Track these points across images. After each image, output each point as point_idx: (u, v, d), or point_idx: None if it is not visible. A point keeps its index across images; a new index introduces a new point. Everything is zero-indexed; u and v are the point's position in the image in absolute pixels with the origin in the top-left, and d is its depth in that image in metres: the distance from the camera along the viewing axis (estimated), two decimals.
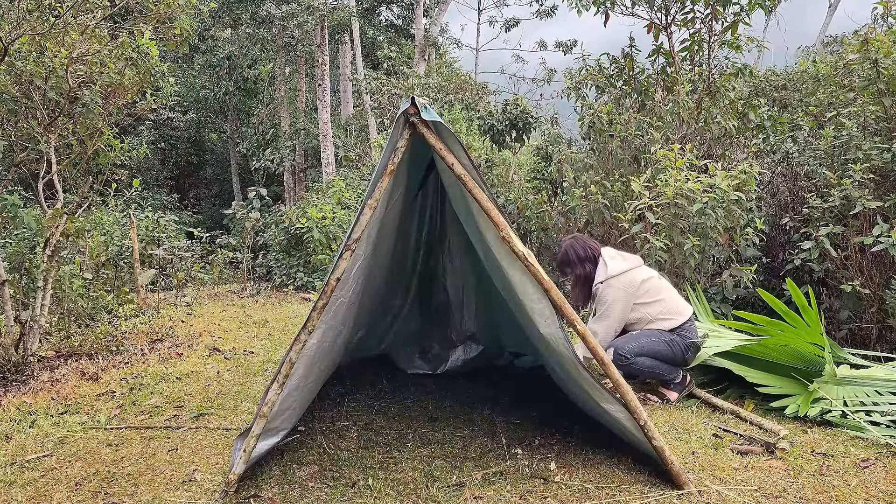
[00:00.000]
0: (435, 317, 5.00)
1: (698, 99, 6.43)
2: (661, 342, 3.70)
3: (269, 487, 2.70)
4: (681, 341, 3.74)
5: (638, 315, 3.79)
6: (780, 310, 3.65)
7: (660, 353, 3.70)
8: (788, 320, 3.61)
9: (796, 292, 3.58)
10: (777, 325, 3.65)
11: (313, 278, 9.92)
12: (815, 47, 14.27)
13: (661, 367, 3.73)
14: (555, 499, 2.56)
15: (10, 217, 5.22)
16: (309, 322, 2.60)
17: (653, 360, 3.69)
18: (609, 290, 3.76)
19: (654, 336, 3.72)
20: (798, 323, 3.58)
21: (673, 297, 3.85)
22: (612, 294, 3.75)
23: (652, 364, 3.69)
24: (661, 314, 3.76)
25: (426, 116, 2.54)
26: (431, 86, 14.83)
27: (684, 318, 3.78)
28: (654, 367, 3.71)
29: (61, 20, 4.75)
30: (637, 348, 3.65)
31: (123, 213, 9.83)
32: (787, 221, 5.53)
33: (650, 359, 3.68)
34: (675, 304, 3.82)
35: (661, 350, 3.70)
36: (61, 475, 2.87)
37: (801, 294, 3.56)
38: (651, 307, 3.76)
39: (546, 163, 9.74)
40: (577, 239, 4.03)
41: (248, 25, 17.69)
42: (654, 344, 3.69)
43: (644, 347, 3.67)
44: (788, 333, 3.62)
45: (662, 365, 3.73)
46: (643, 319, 3.78)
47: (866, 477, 2.71)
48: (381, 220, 3.11)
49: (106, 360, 5.08)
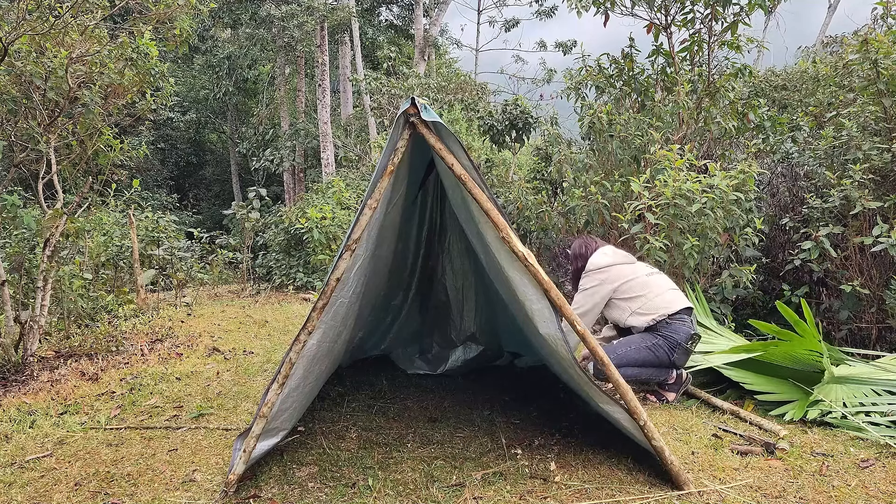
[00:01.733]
0: (435, 317, 5.00)
1: (698, 99, 6.43)
2: (642, 348, 3.67)
3: (269, 487, 2.70)
4: (664, 343, 3.67)
5: (618, 310, 3.81)
6: (792, 319, 3.58)
7: (640, 361, 3.67)
8: (798, 330, 3.56)
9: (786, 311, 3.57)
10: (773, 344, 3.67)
11: (313, 278, 9.92)
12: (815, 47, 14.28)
13: (647, 373, 3.73)
14: (555, 499, 2.56)
15: (9, 217, 5.22)
16: (309, 322, 2.60)
17: (636, 368, 3.67)
18: (586, 278, 3.87)
19: (633, 343, 3.70)
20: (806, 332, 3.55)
21: (659, 293, 3.78)
22: (588, 283, 3.84)
23: (636, 372, 3.68)
24: (640, 309, 3.73)
25: (426, 116, 2.54)
26: (431, 86, 14.83)
27: (668, 312, 3.68)
28: (639, 374, 3.70)
29: (61, 20, 4.75)
30: (616, 360, 3.55)
31: (123, 213, 9.82)
32: (787, 221, 5.53)
33: (632, 368, 3.65)
34: (660, 300, 3.74)
35: (643, 357, 3.67)
36: (61, 475, 2.87)
37: (792, 312, 3.56)
38: (631, 302, 3.76)
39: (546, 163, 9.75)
40: (581, 238, 4.15)
41: (247, 26, 17.69)
42: (634, 352, 3.66)
43: (622, 358, 3.63)
44: (783, 346, 3.64)
45: (648, 370, 3.72)
46: (624, 312, 3.78)
47: (866, 477, 2.71)
48: (381, 221, 3.11)
49: (106, 360, 5.08)
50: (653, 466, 2.79)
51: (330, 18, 17.01)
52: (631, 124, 6.45)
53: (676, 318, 3.71)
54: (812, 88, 8.88)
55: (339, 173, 15.58)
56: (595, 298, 3.80)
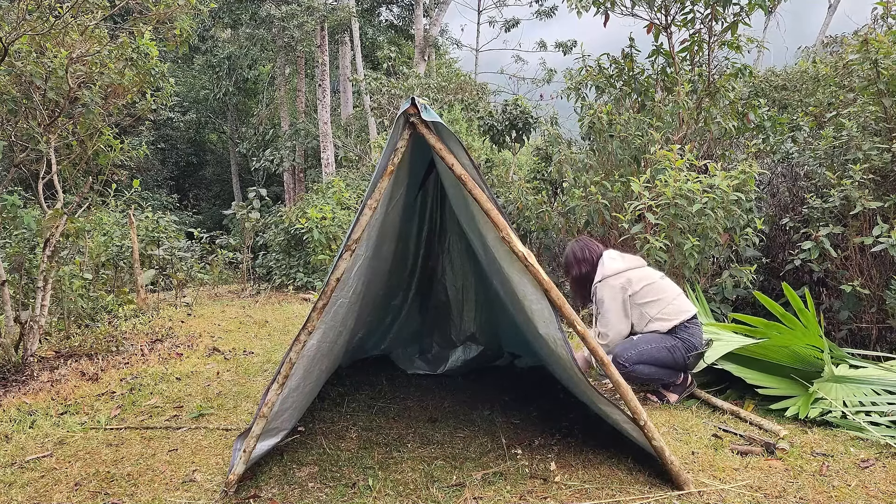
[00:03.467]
0: (435, 317, 5.00)
1: (698, 99, 6.43)
2: (661, 348, 3.67)
3: (269, 488, 2.70)
4: (682, 346, 3.69)
5: (637, 315, 3.78)
6: (778, 313, 3.65)
7: (660, 360, 3.67)
8: (786, 323, 3.61)
9: (792, 295, 3.58)
10: (775, 328, 3.65)
11: (313, 279, 9.93)
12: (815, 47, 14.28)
13: (660, 373, 3.72)
14: (555, 499, 2.56)
15: (10, 217, 5.21)
16: (309, 322, 2.60)
17: (652, 367, 3.66)
18: (604, 289, 3.77)
19: (654, 342, 3.68)
20: (796, 325, 3.58)
21: (674, 297, 3.81)
22: (606, 293, 3.76)
23: (651, 371, 3.67)
24: (661, 314, 3.74)
25: (426, 117, 2.54)
26: (431, 86, 14.83)
27: (686, 317, 3.73)
28: (653, 373, 3.69)
29: (61, 20, 4.75)
30: (636, 356, 3.61)
31: (123, 213, 9.83)
32: (787, 222, 5.53)
33: (650, 366, 3.65)
34: (677, 305, 3.77)
35: (662, 357, 3.67)
36: (61, 475, 2.87)
37: (797, 297, 3.56)
38: (650, 307, 3.74)
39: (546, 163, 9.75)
40: (580, 241, 4.04)
41: (247, 26, 17.70)
42: (655, 350, 3.65)
43: (643, 354, 3.64)
44: (786, 335, 3.63)
45: (662, 370, 3.71)
46: (643, 318, 3.76)
47: (866, 477, 2.71)
48: (382, 221, 3.11)
49: (106, 360, 5.08)
50: (653, 466, 2.79)
51: (330, 18, 17.02)
52: (631, 124, 6.46)
53: (692, 322, 3.75)
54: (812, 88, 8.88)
55: (339, 173, 15.58)
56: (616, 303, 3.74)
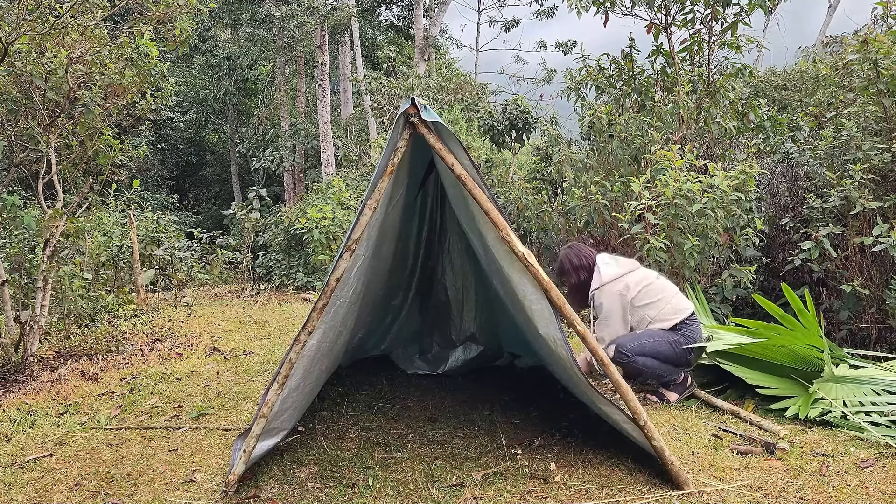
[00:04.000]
0: (435, 317, 5.00)
1: (698, 99, 6.43)
2: (663, 342, 3.69)
3: (269, 487, 2.70)
4: (684, 342, 3.72)
5: (637, 318, 3.79)
6: (777, 314, 3.65)
7: (662, 354, 3.69)
8: (786, 324, 3.61)
9: (792, 296, 3.58)
10: (774, 329, 3.65)
11: (313, 279, 9.92)
12: (815, 47, 14.28)
13: (661, 368, 3.73)
14: (555, 499, 2.56)
15: (10, 217, 5.21)
16: (309, 322, 2.60)
17: (654, 360, 3.68)
18: (603, 296, 3.79)
19: (656, 336, 3.71)
20: (795, 326, 3.58)
21: (672, 296, 3.83)
22: (606, 300, 3.78)
23: (653, 364, 3.68)
24: (660, 315, 3.75)
25: (426, 117, 2.54)
26: (431, 86, 14.83)
27: (685, 315, 3.75)
28: (654, 367, 3.70)
29: (61, 20, 4.75)
30: (638, 347, 3.65)
31: (123, 213, 9.83)
32: (787, 222, 5.53)
33: (651, 359, 3.67)
34: (675, 304, 3.79)
35: (664, 351, 3.69)
36: (61, 475, 2.87)
37: (796, 297, 3.56)
38: (649, 309, 3.76)
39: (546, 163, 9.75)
40: (573, 247, 4.05)
41: (247, 26, 17.70)
42: (657, 344, 3.68)
43: (646, 347, 3.66)
44: (786, 336, 3.63)
45: (663, 366, 3.72)
46: (643, 321, 3.77)
47: (866, 477, 2.71)
48: (382, 221, 3.11)
49: (106, 360, 5.08)
50: (653, 466, 2.79)
51: (330, 18, 17.02)
52: (631, 124, 6.46)
53: (692, 319, 3.79)
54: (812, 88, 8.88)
55: (339, 173, 15.58)
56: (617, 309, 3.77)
